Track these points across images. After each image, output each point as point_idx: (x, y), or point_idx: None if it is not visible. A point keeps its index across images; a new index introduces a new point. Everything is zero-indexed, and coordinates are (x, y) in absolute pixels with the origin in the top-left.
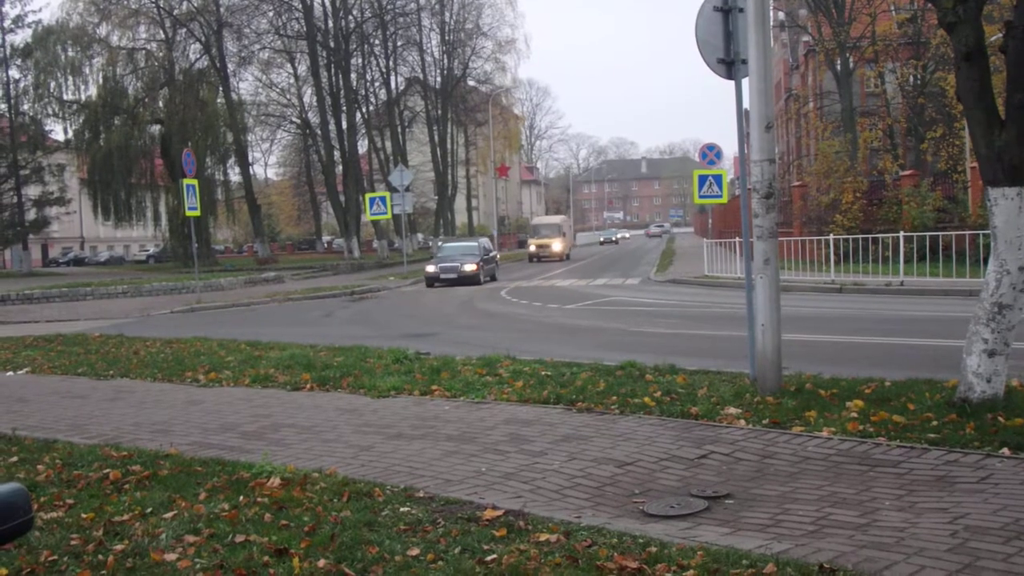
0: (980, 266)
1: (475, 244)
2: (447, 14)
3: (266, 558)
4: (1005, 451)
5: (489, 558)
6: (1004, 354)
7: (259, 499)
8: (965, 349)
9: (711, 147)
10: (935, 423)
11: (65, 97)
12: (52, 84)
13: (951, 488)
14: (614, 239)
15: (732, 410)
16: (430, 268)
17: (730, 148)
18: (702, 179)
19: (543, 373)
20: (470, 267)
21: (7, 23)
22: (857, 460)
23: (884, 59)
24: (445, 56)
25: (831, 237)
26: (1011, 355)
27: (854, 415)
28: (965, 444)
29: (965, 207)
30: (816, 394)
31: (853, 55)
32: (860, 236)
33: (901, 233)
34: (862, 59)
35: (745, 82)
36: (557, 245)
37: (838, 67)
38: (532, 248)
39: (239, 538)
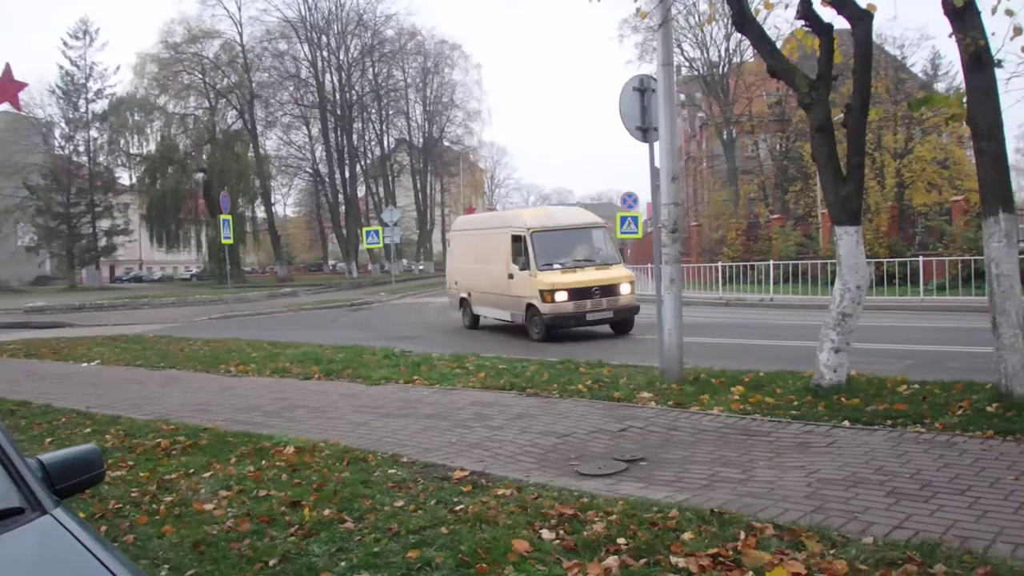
0: (829, 286)
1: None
2: (428, 90)
3: (283, 508)
4: (846, 423)
5: (458, 508)
6: (846, 351)
7: (278, 463)
8: (818, 347)
9: (629, 195)
10: (796, 403)
11: (131, 151)
12: (121, 141)
13: (807, 451)
14: None
15: (645, 394)
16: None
17: (644, 195)
18: (623, 219)
19: (500, 367)
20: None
21: (90, 95)
22: (739, 431)
23: (759, 131)
24: (426, 122)
25: (720, 264)
26: (851, 352)
27: (736, 397)
28: (818, 418)
29: (818, 243)
30: (709, 382)
31: (736, 127)
32: (741, 263)
33: (771, 261)
34: (742, 131)
35: (656, 144)
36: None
37: (725, 137)
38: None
39: (262, 493)
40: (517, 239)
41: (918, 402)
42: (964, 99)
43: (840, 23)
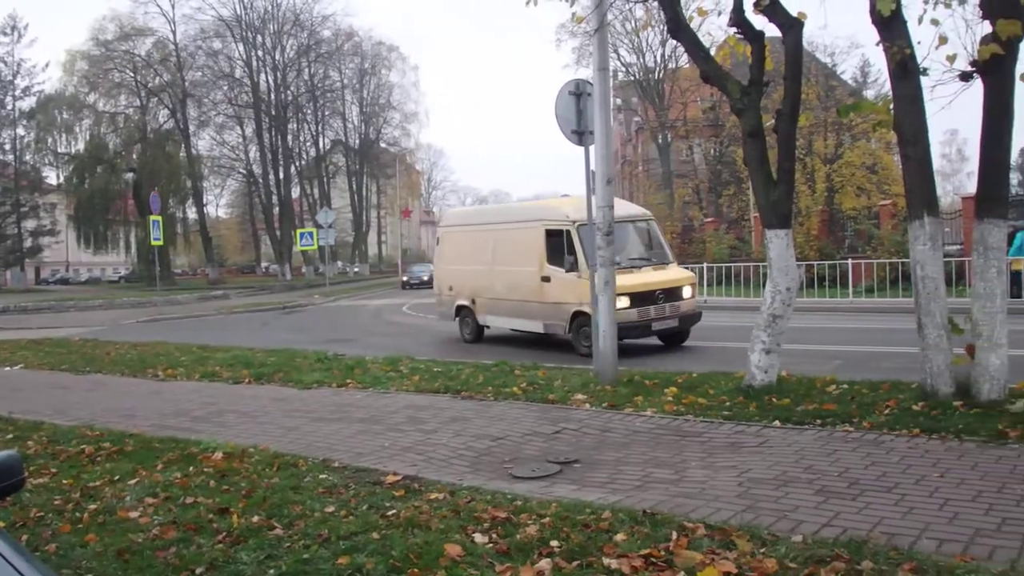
0: (761, 288)
1: (430, 265)
2: (365, 91)
3: (211, 516)
4: (777, 423)
5: (390, 513)
6: (777, 352)
7: (205, 469)
8: (750, 348)
9: (566, 196)
10: (728, 403)
11: (59, 150)
12: (49, 140)
13: (739, 451)
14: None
15: (580, 396)
16: (404, 278)
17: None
18: None
19: (435, 370)
20: (426, 277)
21: (17, 92)
22: (672, 432)
23: (693, 136)
24: (363, 124)
25: None
26: (782, 353)
27: (670, 399)
28: (749, 418)
29: (750, 245)
30: (643, 383)
31: (671, 132)
32: None
33: (705, 264)
34: (677, 135)
35: (592, 148)
36: None
37: (660, 141)
38: None
39: (189, 500)
40: (554, 234)
41: (847, 402)
42: (891, 106)
43: (772, 31)
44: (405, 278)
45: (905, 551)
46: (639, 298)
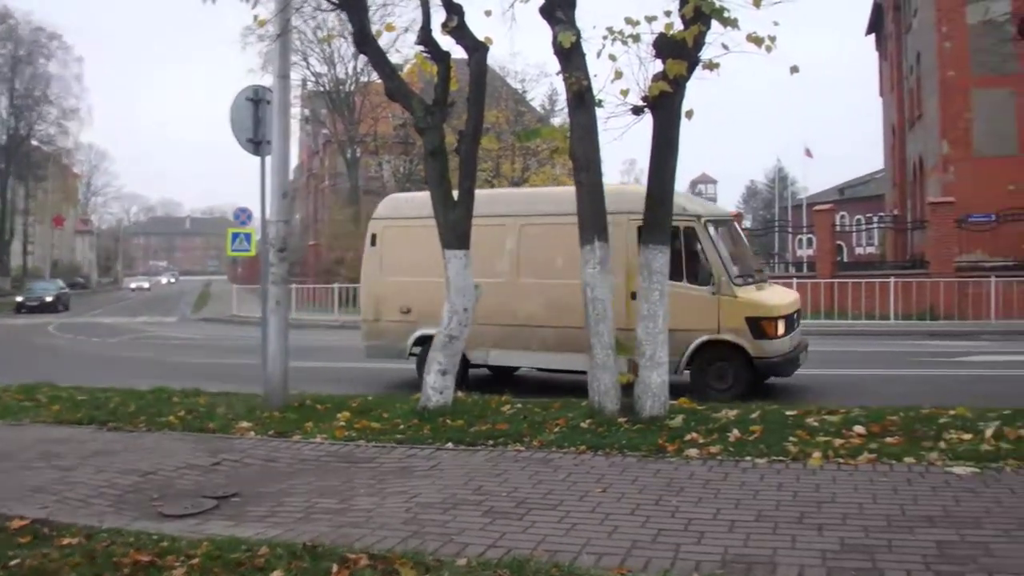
0: None
1: (58, 282)
2: (17, 81)
3: None
4: (450, 445)
5: (13, 563)
6: (452, 372)
7: None
8: (426, 370)
9: (243, 210)
10: (402, 426)
11: None
12: None
13: (410, 475)
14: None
15: (244, 424)
16: (19, 298)
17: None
18: (234, 236)
19: (79, 398)
20: (50, 297)
21: None
22: (342, 459)
23: (383, 151)
24: (12, 117)
25: (336, 285)
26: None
27: (342, 424)
28: (423, 441)
29: None
30: (314, 408)
31: (360, 147)
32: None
33: None
34: (367, 150)
35: (268, 159)
36: None
37: (348, 155)
38: None
39: None
40: None
41: (519, 421)
42: (568, 134)
43: (460, 52)
44: (20, 298)
45: (566, 567)
46: (789, 323)
